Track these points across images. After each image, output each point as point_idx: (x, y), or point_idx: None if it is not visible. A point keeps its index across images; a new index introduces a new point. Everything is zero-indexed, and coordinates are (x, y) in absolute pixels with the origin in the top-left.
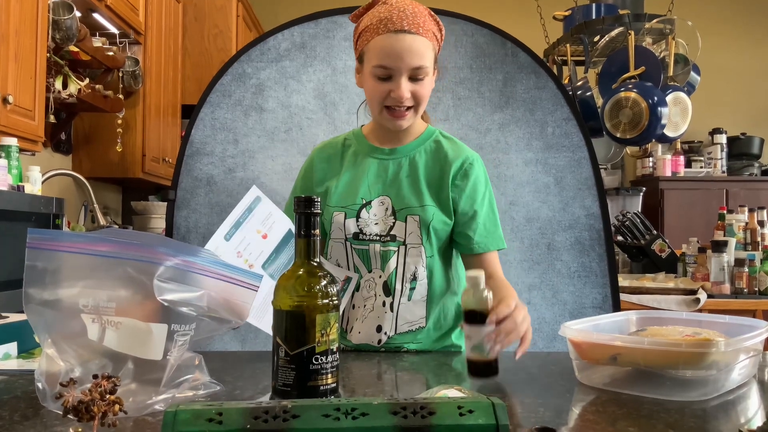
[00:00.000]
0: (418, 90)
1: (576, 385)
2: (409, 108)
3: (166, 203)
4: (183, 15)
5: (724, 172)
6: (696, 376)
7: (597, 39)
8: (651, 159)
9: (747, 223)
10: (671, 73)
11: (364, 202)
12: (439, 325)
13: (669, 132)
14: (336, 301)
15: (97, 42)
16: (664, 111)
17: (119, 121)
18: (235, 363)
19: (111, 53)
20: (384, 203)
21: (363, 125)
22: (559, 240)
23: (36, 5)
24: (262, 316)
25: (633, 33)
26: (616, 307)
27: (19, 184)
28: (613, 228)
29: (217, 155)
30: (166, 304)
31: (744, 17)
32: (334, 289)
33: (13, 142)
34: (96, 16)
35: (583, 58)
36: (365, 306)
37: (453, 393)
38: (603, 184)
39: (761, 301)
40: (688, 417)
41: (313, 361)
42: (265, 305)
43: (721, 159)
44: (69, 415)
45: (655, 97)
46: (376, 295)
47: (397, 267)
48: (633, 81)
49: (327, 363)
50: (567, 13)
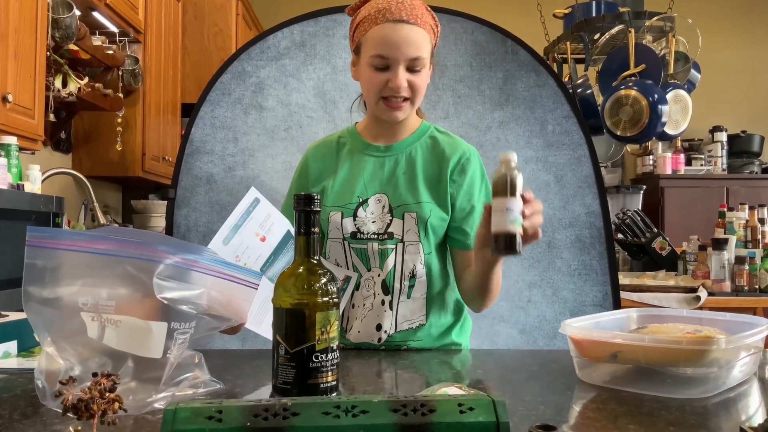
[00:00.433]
0: (415, 81)
1: (576, 383)
2: (405, 99)
3: (166, 202)
4: (183, 13)
5: (724, 170)
6: (697, 373)
7: (597, 37)
8: (651, 157)
9: (747, 221)
10: (671, 70)
11: (361, 200)
12: (439, 323)
13: (669, 130)
14: (336, 299)
15: (97, 41)
16: (665, 109)
17: (119, 119)
18: (235, 361)
19: (111, 52)
20: (381, 201)
21: (357, 122)
22: (559, 238)
23: (35, 4)
24: (260, 321)
25: (633, 31)
26: (617, 305)
27: (19, 182)
28: (613, 226)
29: (217, 154)
30: (165, 303)
31: (744, 15)
32: (334, 286)
33: (12, 140)
34: (96, 14)
35: (583, 56)
36: (364, 305)
37: (453, 390)
38: (603, 182)
39: (762, 299)
40: (688, 414)
41: (313, 358)
42: (264, 309)
43: (721, 157)
44: (68, 414)
45: (656, 95)
46: (375, 293)
47: (395, 265)
48: (633, 79)
49: (327, 361)
50: (567, 11)
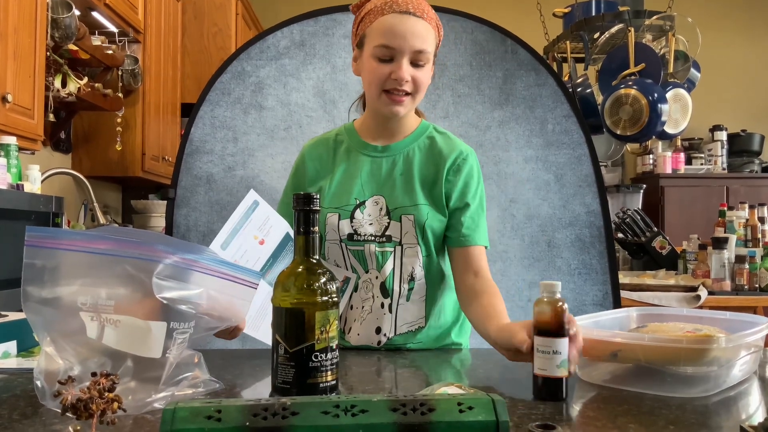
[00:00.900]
0: (418, 75)
1: (576, 382)
2: (407, 94)
3: (165, 202)
4: (182, 13)
5: (724, 169)
6: (697, 372)
7: (597, 36)
8: (651, 156)
9: (747, 220)
10: (671, 69)
11: (358, 202)
12: (438, 324)
13: (669, 129)
14: (335, 298)
15: (97, 40)
16: (664, 108)
17: (119, 119)
18: (234, 361)
19: (110, 52)
20: (378, 203)
21: (355, 119)
22: (559, 237)
23: (35, 4)
24: (258, 326)
25: (633, 30)
26: (617, 304)
27: (19, 182)
28: (613, 225)
29: (216, 153)
30: (165, 302)
31: (744, 13)
32: (334, 286)
33: (12, 140)
34: (95, 14)
35: (583, 55)
36: (363, 308)
37: (453, 390)
38: (603, 181)
39: (762, 298)
40: (689, 413)
41: (313, 358)
42: (261, 314)
43: (721, 156)
44: (68, 413)
45: (655, 94)
46: (373, 296)
47: (394, 268)
48: (633, 78)
49: (326, 360)
50: (567, 10)
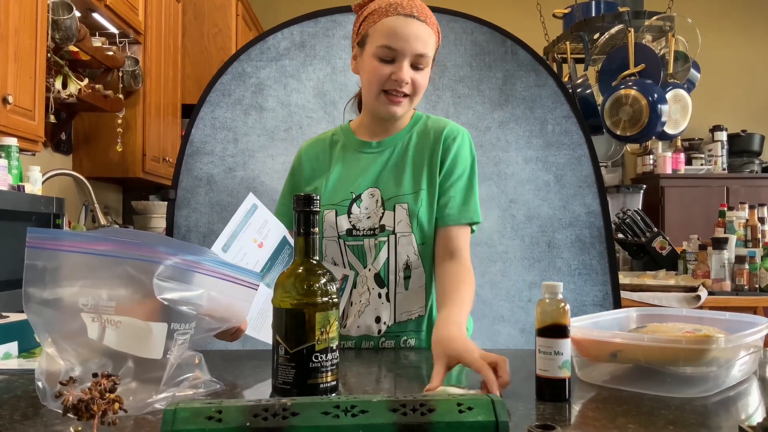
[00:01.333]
0: (417, 78)
1: (576, 382)
2: (406, 96)
3: (166, 203)
4: (182, 14)
5: (724, 170)
6: (696, 372)
7: (597, 36)
8: (651, 156)
9: (747, 220)
10: (671, 70)
11: (354, 196)
12: (437, 309)
13: (669, 129)
14: (335, 299)
15: (97, 42)
16: (664, 108)
17: (119, 120)
18: (235, 361)
19: (111, 53)
20: (374, 195)
21: (350, 120)
22: (559, 238)
23: (35, 5)
24: (259, 328)
25: (633, 30)
26: (617, 304)
27: (20, 184)
28: (613, 226)
29: (217, 154)
30: (165, 303)
31: (744, 13)
32: (334, 286)
33: (13, 142)
34: (95, 15)
35: (582, 56)
36: (361, 301)
37: (453, 391)
38: (603, 181)
39: (762, 298)
40: (688, 413)
41: (313, 359)
42: (262, 315)
43: (721, 156)
44: (69, 414)
45: (655, 95)
46: (369, 288)
47: (388, 257)
48: (633, 78)
49: (327, 361)
50: (567, 11)
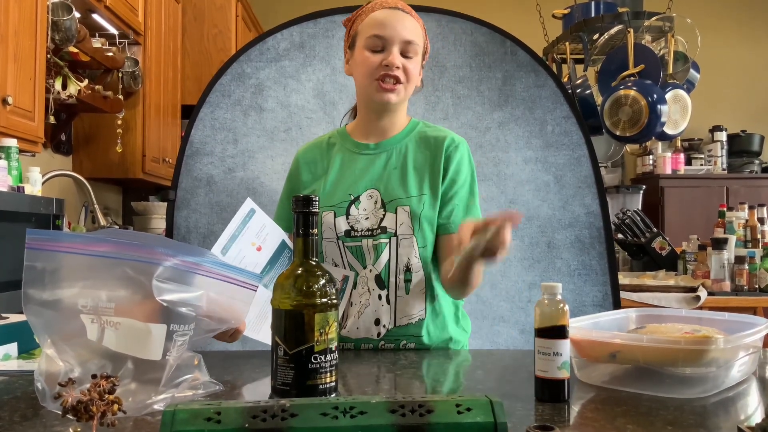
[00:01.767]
0: (408, 66)
1: (575, 383)
2: (399, 82)
3: (166, 203)
4: (182, 15)
5: (724, 170)
6: (695, 373)
7: (596, 37)
8: (651, 157)
9: (747, 221)
10: (671, 70)
11: (352, 197)
12: (436, 314)
13: (669, 130)
14: (335, 300)
15: (97, 43)
16: (664, 109)
17: (119, 121)
18: (234, 362)
19: (110, 54)
20: (373, 196)
21: (346, 124)
22: (559, 238)
23: (35, 6)
24: (258, 329)
25: (632, 31)
26: (617, 305)
27: (19, 185)
28: (613, 226)
29: (216, 155)
30: (165, 304)
31: (743, 14)
32: (333, 288)
33: (13, 143)
34: (95, 16)
35: (582, 56)
36: (361, 302)
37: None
38: (603, 182)
39: (761, 299)
40: (687, 414)
41: (312, 360)
42: (262, 317)
43: (721, 156)
44: (68, 415)
45: (655, 95)
46: (370, 290)
47: (389, 259)
48: (632, 79)
49: (326, 362)
50: (566, 12)
